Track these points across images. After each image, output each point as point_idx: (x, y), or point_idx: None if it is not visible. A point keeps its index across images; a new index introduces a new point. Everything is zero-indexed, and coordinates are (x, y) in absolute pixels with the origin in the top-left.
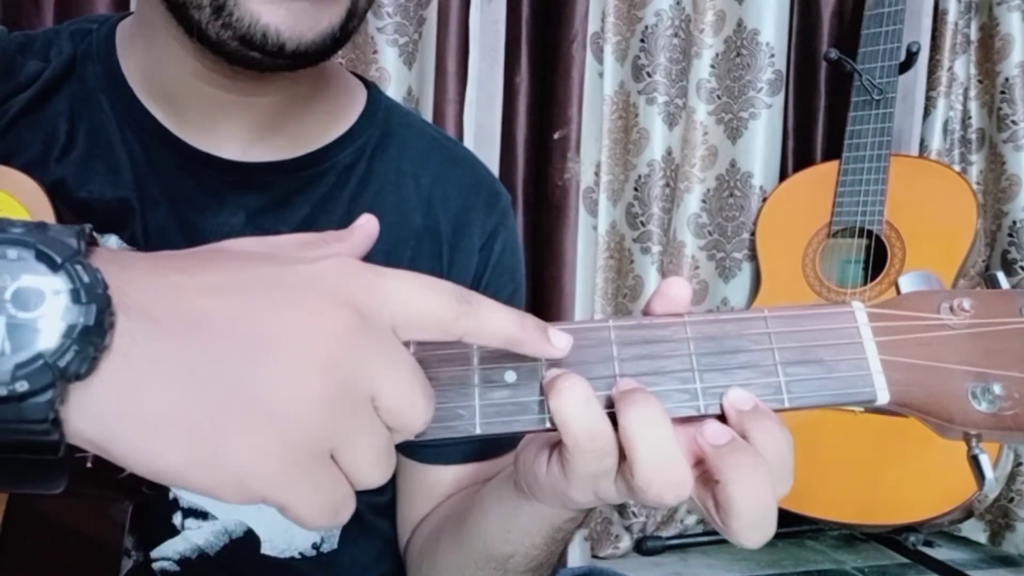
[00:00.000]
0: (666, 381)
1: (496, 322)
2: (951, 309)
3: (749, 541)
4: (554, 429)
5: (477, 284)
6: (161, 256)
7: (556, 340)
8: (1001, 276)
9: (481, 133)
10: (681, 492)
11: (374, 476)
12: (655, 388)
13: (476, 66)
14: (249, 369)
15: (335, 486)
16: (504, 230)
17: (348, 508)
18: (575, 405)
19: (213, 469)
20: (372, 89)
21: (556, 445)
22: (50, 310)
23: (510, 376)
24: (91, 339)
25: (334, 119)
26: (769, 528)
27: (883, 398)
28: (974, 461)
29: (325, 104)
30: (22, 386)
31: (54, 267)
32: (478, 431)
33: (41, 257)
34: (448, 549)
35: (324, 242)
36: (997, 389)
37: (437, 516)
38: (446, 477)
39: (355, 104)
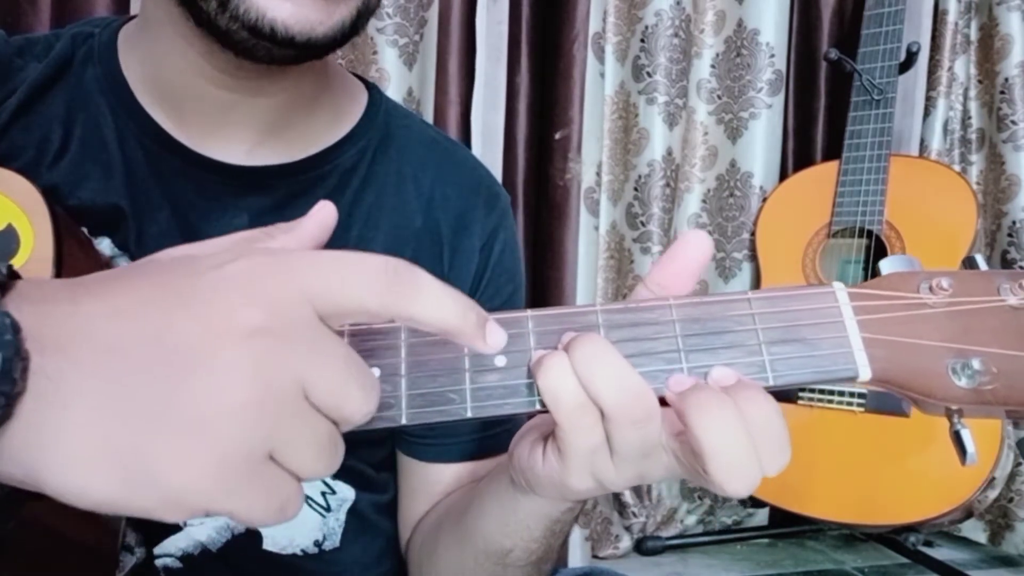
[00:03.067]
0: (653, 362)
1: (432, 308)
2: (930, 288)
3: (729, 486)
4: (544, 410)
5: (477, 284)
6: (79, 283)
7: (490, 338)
8: (979, 258)
9: (487, 132)
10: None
11: (319, 469)
12: (642, 369)
13: (483, 66)
14: (167, 386)
15: (277, 486)
16: (504, 230)
17: (295, 503)
18: (564, 379)
19: (150, 492)
20: (373, 90)
21: (548, 436)
22: None
23: (500, 361)
24: (2, 388)
25: (336, 121)
26: (750, 475)
27: (865, 374)
28: (956, 436)
29: (328, 106)
30: None
31: None
32: (469, 414)
33: None
34: (448, 546)
35: (269, 236)
36: (976, 364)
37: (436, 514)
38: (445, 476)
39: (356, 106)
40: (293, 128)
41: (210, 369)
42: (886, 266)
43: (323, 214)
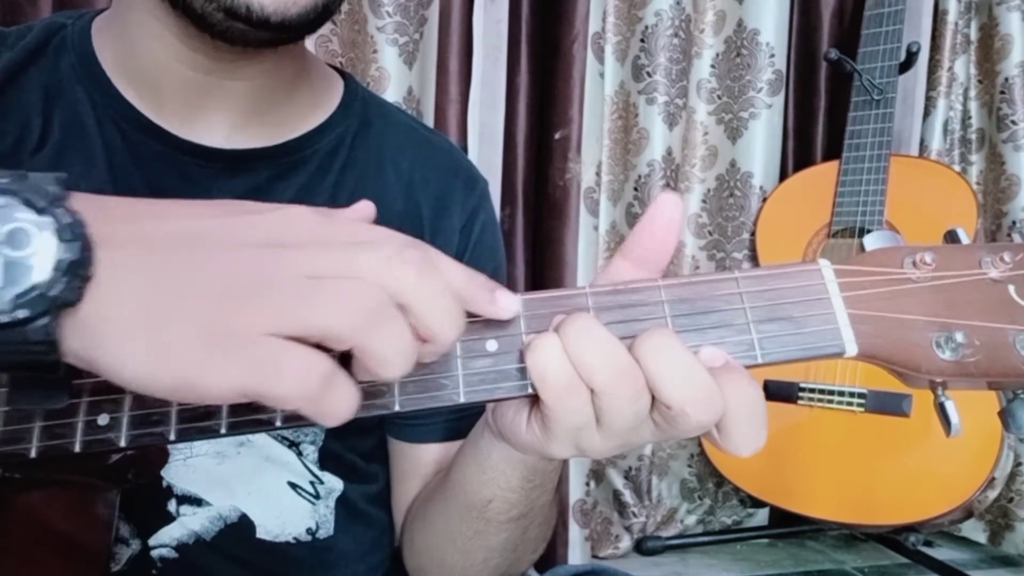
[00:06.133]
0: None
1: (443, 272)
2: (914, 263)
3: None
4: (536, 394)
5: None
6: (136, 199)
7: (502, 301)
8: (961, 232)
9: (485, 132)
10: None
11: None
12: None
13: (480, 66)
14: (190, 272)
15: (285, 360)
16: (483, 212)
17: (327, 380)
18: (551, 358)
19: (167, 365)
20: (349, 80)
21: (534, 405)
22: (40, 248)
23: (491, 345)
24: (77, 271)
25: (314, 107)
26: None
27: (851, 350)
28: (941, 408)
29: (306, 91)
30: (23, 313)
31: (39, 211)
32: (462, 399)
33: (27, 203)
34: (435, 509)
35: None
36: (959, 337)
37: (427, 489)
38: (433, 455)
39: (333, 94)
40: (272, 112)
41: (221, 259)
42: (870, 242)
43: (366, 211)
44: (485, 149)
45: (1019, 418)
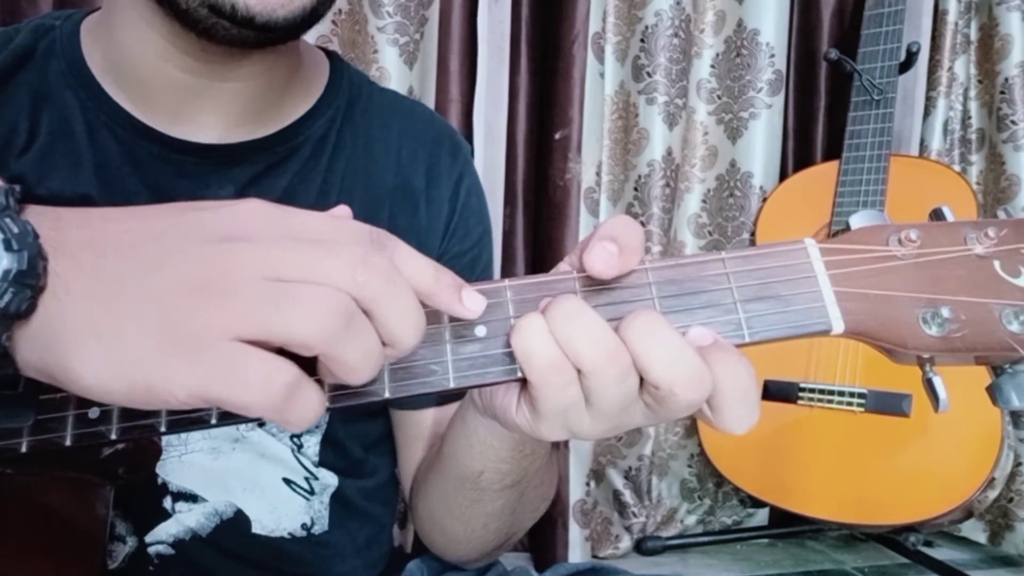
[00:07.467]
0: None
1: (409, 268)
2: (899, 241)
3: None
4: (524, 377)
5: (447, 228)
6: (92, 209)
7: (467, 301)
8: (946, 209)
9: (490, 133)
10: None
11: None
12: None
13: (485, 66)
14: (141, 274)
15: (247, 363)
16: (468, 176)
17: (292, 389)
18: (535, 338)
19: (118, 373)
20: (333, 58)
21: (523, 388)
22: None
23: (480, 331)
24: (26, 281)
25: (305, 94)
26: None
27: (838, 327)
28: (928, 384)
29: (299, 84)
30: None
31: None
32: (452, 384)
33: None
34: (432, 481)
35: None
36: (945, 313)
37: (427, 458)
38: (432, 418)
39: (320, 75)
40: (267, 109)
41: (177, 258)
42: (856, 221)
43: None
44: (490, 149)
45: (1006, 392)
